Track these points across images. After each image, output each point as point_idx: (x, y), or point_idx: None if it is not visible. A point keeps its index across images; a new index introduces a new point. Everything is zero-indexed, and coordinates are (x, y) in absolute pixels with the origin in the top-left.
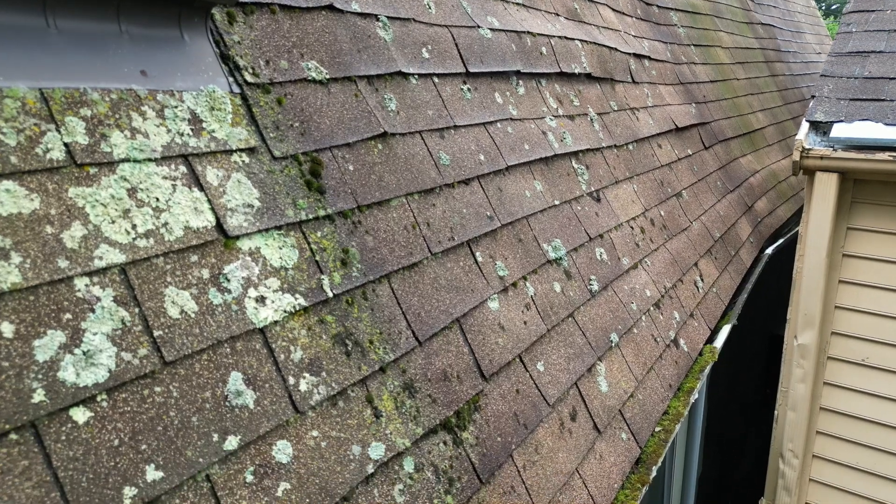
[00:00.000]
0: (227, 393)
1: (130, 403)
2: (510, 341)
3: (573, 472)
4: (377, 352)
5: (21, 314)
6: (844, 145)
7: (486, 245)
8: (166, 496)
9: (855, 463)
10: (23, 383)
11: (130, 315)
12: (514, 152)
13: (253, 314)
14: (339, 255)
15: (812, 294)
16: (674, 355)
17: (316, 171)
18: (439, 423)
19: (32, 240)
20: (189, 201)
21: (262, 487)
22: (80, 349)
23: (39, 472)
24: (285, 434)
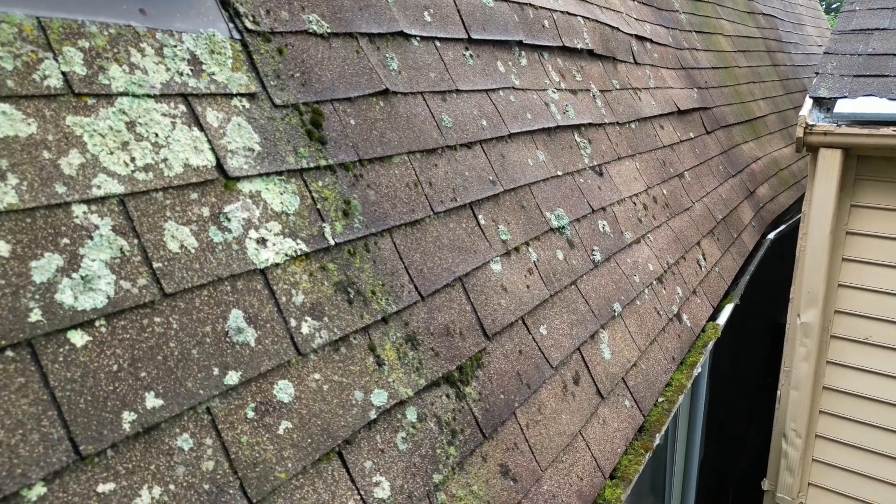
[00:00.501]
0: (227, 329)
1: (129, 331)
2: (513, 303)
3: (576, 434)
4: (379, 302)
5: (18, 235)
6: (848, 121)
7: (488, 209)
8: (166, 424)
9: (858, 442)
10: (19, 302)
11: (129, 245)
12: (516, 120)
13: (254, 255)
14: (340, 205)
15: (815, 272)
16: (676, 329)
17: (317, 122)
18: (442, 376)
19: (29, 163)
20: (189, 140)
21: (264, 424)
22: (78, 274)
23: (36, 390)
24: (287, 374)
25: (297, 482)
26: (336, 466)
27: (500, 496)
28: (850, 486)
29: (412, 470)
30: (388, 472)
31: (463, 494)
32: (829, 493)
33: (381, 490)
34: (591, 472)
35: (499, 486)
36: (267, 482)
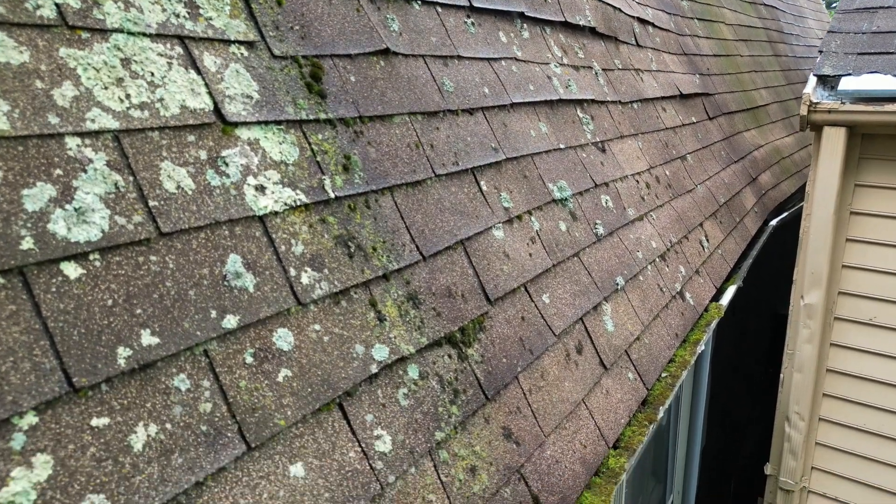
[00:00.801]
0: (225, 273)
1: (124, 267)
2: (515, 270)
3: (580, 403)
4: (380, 259)
5: (9, 162)
6: (852, 98)
7: (490, 176)
8: (162, 363)
9: (863, 425)
10: (10, 229)
11: (125, 181)
12: (518, 91)
13: (252, 201)
14: (340, 159)
15: (819, 253)
16: (680, 307)
17: (316, 76)
18: (444, 336)
19: (21, 91)
20: (185, 82)
21: (263, 371)
22: (72, 206)
23: (27, 318)
24: (286, 323)
25: (296, 430)
26: (336, 418)
27: (503, 458)
28: (854, 469)
29: (414, 426)
30: (389, 426)
31: (465, 454)
32: (833, 477)
33: (383, 444)
34: (594, 440)
35: (501, 448)
36: (266, 428)
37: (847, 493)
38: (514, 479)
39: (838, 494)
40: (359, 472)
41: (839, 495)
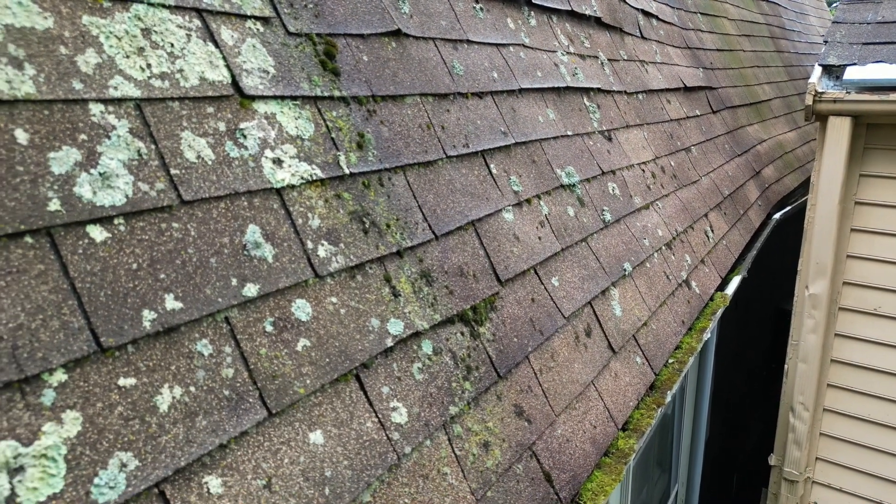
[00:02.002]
0: (245, 242)
1: (148, 232)
2: (525, 252)
3: (589, 384)
4: (394, 236)
5: (35, 125)
6: (858, 87)
7: (500, 159)
8: (186, 328)
9: (867, 415)
10: (38, 190)
11: (147, 149)
12: (526, 77)
13: (270, 174)
14: (354, 137)
15: (824, 243)
16: (686, 295)
17: (330, 54)
18: (456, 313)
19: (46, 56)
20: (204, 54)
21: (282, 340)
22: (97, 170)
23: (56, 278)
24: (304, 294)
25: (315, 399)
26: (354, 388)
27: (516, 435)
28: (859, 459)
29: (428, 399)
30: (405, 399)
31: (479, 429)
32: (838, 468)
33: (399, 415)
34: (604, 421)
35: (513, 425)
36: (286, 395)
37: (852, 484)
38: (526, 457)
39: (843, 485)
40: (376, 442)
41: (844, 486)
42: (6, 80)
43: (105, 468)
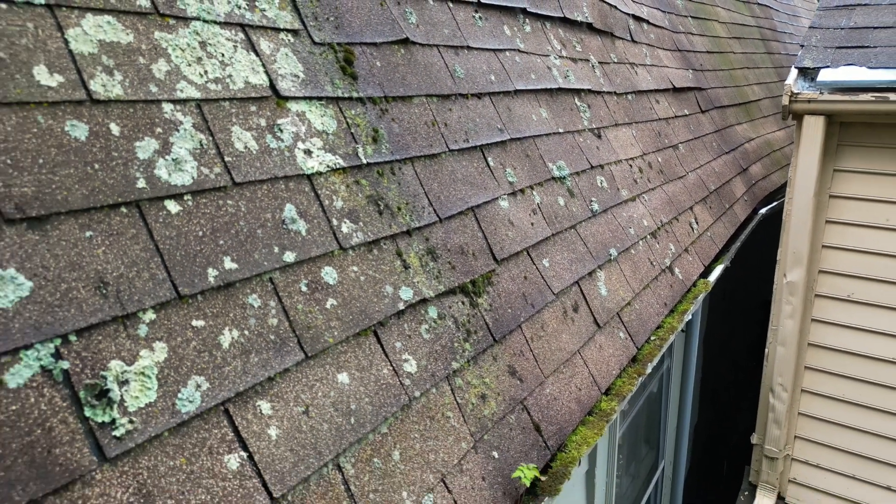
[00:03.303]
0: (283, 218)
1: (209, 207)
2: (518, 236)
3: (575, 353)
4: (404, 217)
5: (124, 120)
6: (830, 88)
7: (496, 153)
8: (240, 284)
9: (841, 395)
10: (129, 171)
11: (206, 140)
12: (521, 79)
13: (302, 162)
14: (370, 132)
15: (800, 234)
16: (669, 280)
17: (349, 60)
18: (458, 286)
19: (129, 65)
20: (248, 62)
21: (314, 298)
22: (170, 157)
23: (144, 240)
24: (331, 262)
25: (341, 348)
26: (372, 342)
27: (509, 391)
28: (834, 437)
29: (434, 355)
30: (414, 353)
31: (477, 383)
32: (815, 445)
33: (410, 366)
34: (588, 385)
35: (507, 382)
36: (318, 343)
37: (827, 460)
38: (518, 409)
39: (820, 461)
40: (391, 386)
41: (821, 462)
42: (101, 84)
43: (185, 387)
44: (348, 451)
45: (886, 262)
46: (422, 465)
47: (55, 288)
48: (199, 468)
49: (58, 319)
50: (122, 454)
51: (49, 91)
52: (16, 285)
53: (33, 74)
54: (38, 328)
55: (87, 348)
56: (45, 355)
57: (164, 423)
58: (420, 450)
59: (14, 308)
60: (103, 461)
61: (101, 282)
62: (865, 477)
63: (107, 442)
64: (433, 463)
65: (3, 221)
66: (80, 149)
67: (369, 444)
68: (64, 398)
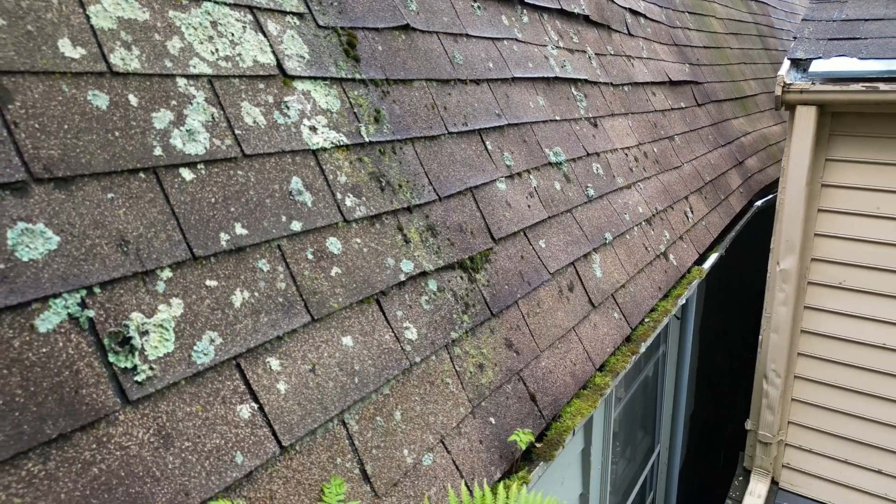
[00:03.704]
0: (290, 189)
1: (221, 177)
2: (515, 217)
3: (570, 330)
4: (405, 194)
5: (141, 92)
6: (822, 79)
7: (494, 137)
8: (250, 249)
9: (834, 381)
10: (146, 139)
11: (217, 113)
12: (519, 67)
13: (308, 138)
14: (372, 112)
15: (793, 222)
16: (663, 265)
17: (352, 43)
18: (456, 261)
19: (146, 41)
20: (256, 42)
21: (320, 266)
22: (184, 128)
23: (161, 203)
24: (335, 233)
25: (346, 313)
26: (375, 309)
27: (506, 362)
28: (826, 422)
29: (434, 325)
30: (415, 321)
31: (475, 353)
32: (807, 430)
33: (410, 333)
34: (582, 361)
35: (504, 354)
36: (324, 307)
37: (820, 445)
38: (514, 379)
39: (812, 446)
40: (393, 351)
41: (813, 447)
42: (121, 57)
43: (200, 340)
44: (352, 409)
45: (877, 250)
46: (422, 426)
47: (80, 243)
48: (213, 415)
49: (83, 272)
50: (143, 398)
51: (72, 62)
52: (45, 239)
53: (58, 47)
54: (66, 279)
55: (111, 300)
56: (72, 304)
57: (181, 372)
58: (420, 412)
59: (43, 260)
60: (126, 403)
61: (122, 240)
62: (857, 461)
63: (129, 386)
64: (433, 425)
65: (33, 180)
66: (102, 117)
67: (372, 403)
68: (89, 344)
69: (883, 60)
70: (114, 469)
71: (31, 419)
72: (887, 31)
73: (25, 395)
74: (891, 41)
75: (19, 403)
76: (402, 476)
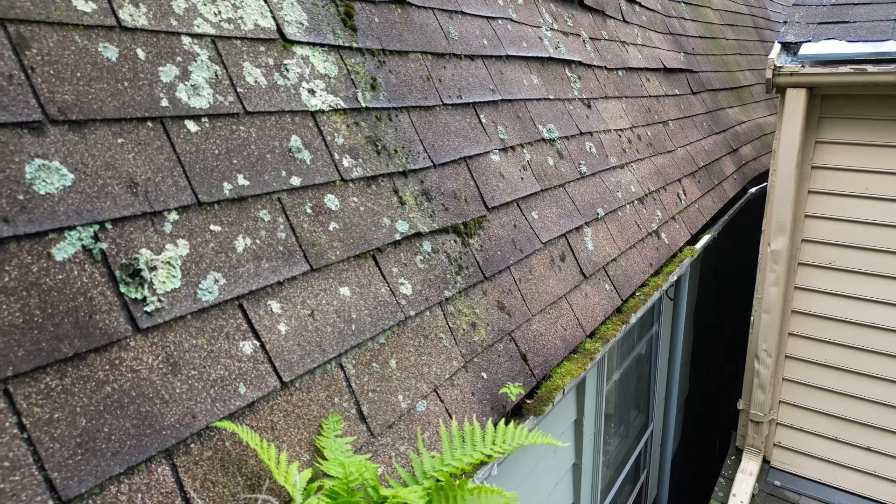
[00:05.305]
0: (290, 147)
1: (224, 130)
2: (509, 188)
3: (562, 297)
4: (401, 159)
5: (149, 47)
6: (812, 61)
7: (488, 111)
8: (252, 199)
9: (823, 360)
10: (153, 91)
11: (220, 72)
12: (513, 45)
13: (306, 100)
14: (368, 80)
15: (783, 204)
16: (655, 243)
17: (349, 13)
18: (450, 225)
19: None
20: (257, 6)
21: (319, 220)
22: (189, 82)
23: (167, 152)
24: (333, 191)
25: (343, 266)
26: (371, 264)
27: (498, 323)
28: (816, 401)
29: (428, 282)
30: (410, 278)
31: (468, 312)
32: (798, 409)
33: (406, 288)
34: (573, 326)
35: (496, 315)
36: (322, 259)
37: (810, 423)
38: (506, 339)
39: (803, 425)
40: (388, 304)
41: (804, 426)
42: (129, 13)
43: (205, 279)
44: (349, 353)
45: (866, 230)
46: (416, 375)
47: (93, 182)
48: (217, 349)
49: (96, 208)
50: (152, 328)
51: (84, 16)
52: (60, 175)
53: (71, 0)
54: (80, 213)
55: (121, 236)
56: (86, 237)
57: (187, 307)
58: (415, 362)
59: (59, 194)
60: (137, 331)
61: (132, 182)
62: (846, 438)
63: (139, 315)
64: (427, 375)
65: (48, 121)
66: (112, 68)
67: (368, 350)
68: (102, 275)
69: (871, 43)
70: (126, 389)
71: (49, 338)
72: (875, 15)
73: (43, 317)
74: (879, 24)
75: (37, 323)
76: (397, 419)
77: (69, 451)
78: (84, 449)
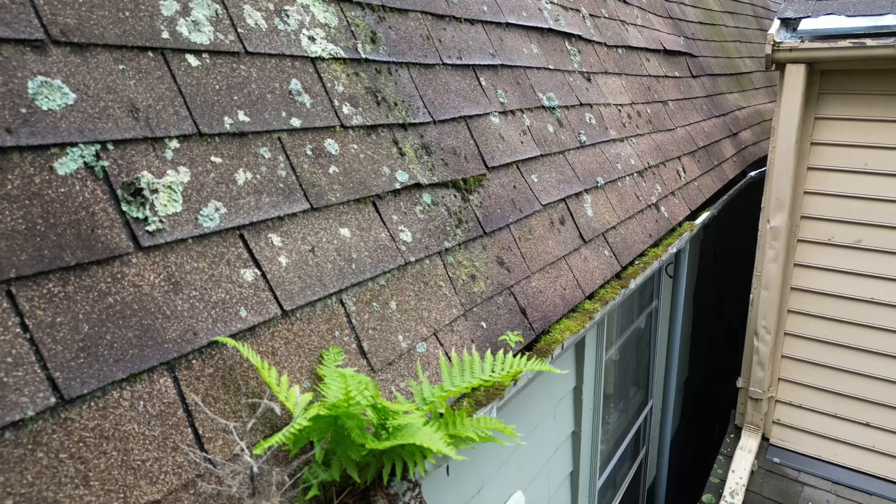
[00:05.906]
0: (290, 89)
1: (224, 67)
2: (508, 150)
3: (561, 258)
4: (400, 112)
5: None
6: (811, 36)
7: (488, 75)
8: (252, 136)
9: (822, 336)
10: (154, 24)
11: (221, 11)
12: (513, 14)
13: (307, 46)
14: (368, 33)
15: (783, 180)
16: (654, 216)
17: None
18: (450, 180)
19: None
20: None
21: (319, 163)
22: (190, 18)
23: (168, 82)
24: (333, 136)
25: (343, 208)
26: (371, 210)
27: (497, 277)
28: (815, 377)
29: (428, 232)
30: (410, 226)
31: (468, 264)
32: (797, 386)
33: (405, 235)
34: (572, 287)
35: (495, 270)
36: (322, 199)
37: (809, 400)
38: (505, 293)
39: (802, 402)
40: (388, 248)
41: (803, 402)
42: None
43: (206, 206)
44: (350, 291)
45: (865, 205)
46: (416, 318)
47: (95, 103)
48: (218, 273)
49: (98, 128)
50: (154, 247)
51: None
52: (62, 93)
53: None
54: (82, 131)
55: (123, 157)
56: (88, 154)
57: (188, 231)
58: (415, 306)
59: (61, 111)
60: (138, 249)
61: (133, 107)
62: (845, 414)
63: (141, 234)
64: (427, 319)
65: (51, 41)
66: None
67: (368, 290)
68: (104, 192)
69: (870, 17)
70: (128, 302)
71: (51, 246)
72: None
73: (45, 226)
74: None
75: (40, 231)
76: (397, 357)
77: (71, 353)
78: (87, 353)
